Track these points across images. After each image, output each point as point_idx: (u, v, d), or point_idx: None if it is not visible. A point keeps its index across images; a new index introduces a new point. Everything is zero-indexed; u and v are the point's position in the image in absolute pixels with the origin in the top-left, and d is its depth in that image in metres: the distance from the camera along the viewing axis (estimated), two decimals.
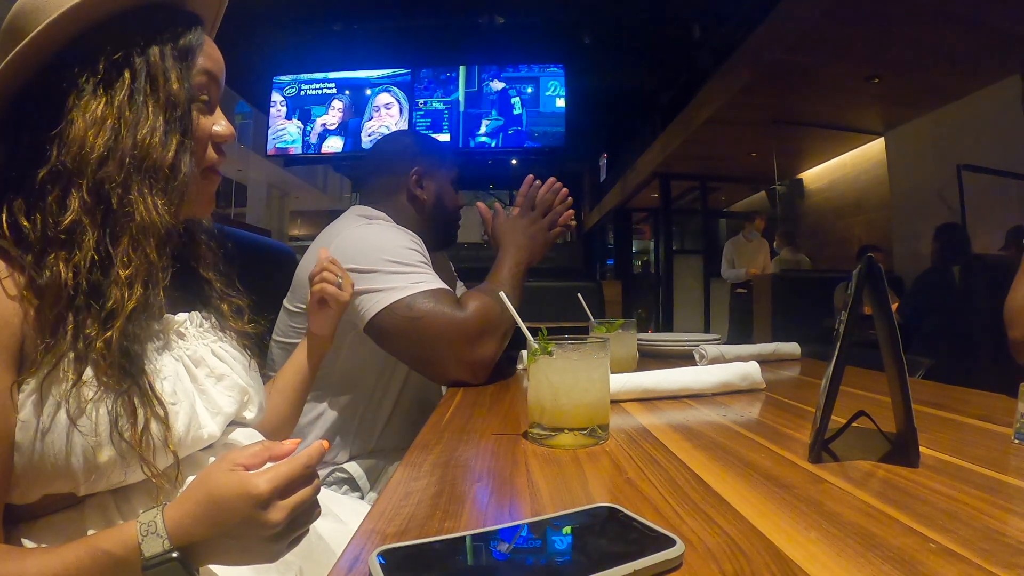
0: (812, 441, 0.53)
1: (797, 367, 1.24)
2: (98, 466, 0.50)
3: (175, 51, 0.58)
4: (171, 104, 0.57)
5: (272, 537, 0.45)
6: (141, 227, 0.54)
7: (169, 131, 0.57)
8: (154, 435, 0.52)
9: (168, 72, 0.57)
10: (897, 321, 0.51)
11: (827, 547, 0.35)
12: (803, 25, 3.74)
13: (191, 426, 0.56)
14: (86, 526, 0.52)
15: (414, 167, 1.21)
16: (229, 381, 0.64)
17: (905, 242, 5.12)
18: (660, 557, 0.32)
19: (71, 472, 0.49)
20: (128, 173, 0.54)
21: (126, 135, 0.54)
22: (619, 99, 7.87)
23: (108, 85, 0.55)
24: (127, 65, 0.55)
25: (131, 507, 0.53)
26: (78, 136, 0.52)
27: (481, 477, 0.51)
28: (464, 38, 6.00)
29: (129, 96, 0.55)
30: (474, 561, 0.35)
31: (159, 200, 0.55)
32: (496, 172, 9.71)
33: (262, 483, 0.45)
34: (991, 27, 3.47)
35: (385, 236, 1.06)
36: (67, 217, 0.51)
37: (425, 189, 1.22)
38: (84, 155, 0.52)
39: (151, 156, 0.55)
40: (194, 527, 0.44)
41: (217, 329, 0.68)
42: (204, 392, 0.60)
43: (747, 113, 5.15)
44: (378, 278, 0.99)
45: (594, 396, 0.63)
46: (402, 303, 0.97)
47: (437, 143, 1.31)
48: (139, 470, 0.52)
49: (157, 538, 0.44)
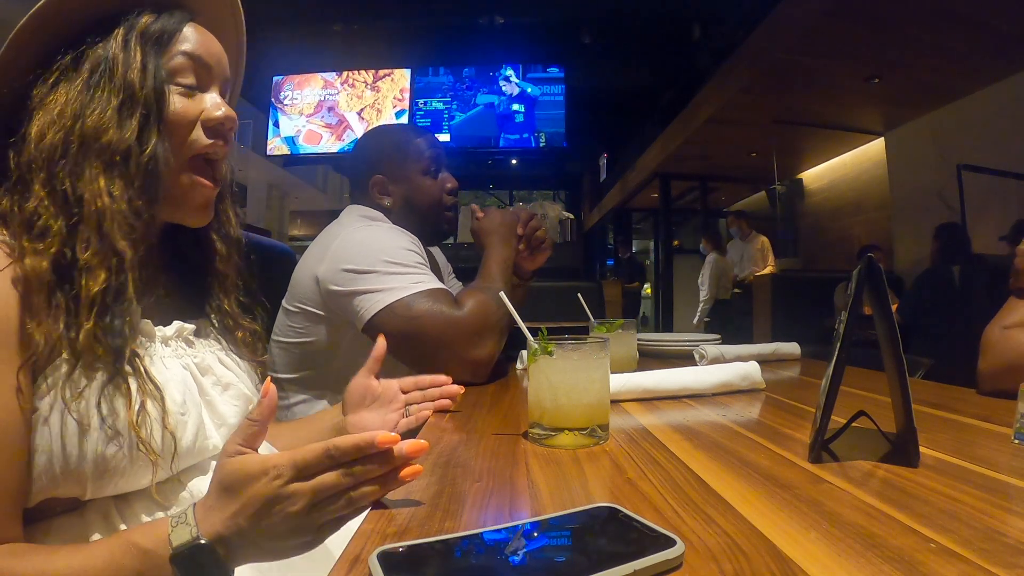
0: (812, 441, 0.53)
1: (797, 367, 1.24)
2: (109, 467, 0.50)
3: (142, 36, 0.58)
4: (128, 86, 0.56)
5: (296, 513, 0.42)
6: (99, 212, 0.53)
7: (128, 114, 0.56)
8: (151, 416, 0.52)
9: (130, 57, 0.57)
10: (897, 321, 0.51)
11: (827, 547, 0.35)
12: (803, 25, 3.74)
13: (198, 436, 0.57)
14: (88, 531, 0.51)
15: (373, 176, 1.19)
16: (235, 391, 0.64)
17: (905, 242, 5.13)
18: (660, 557, 0.32)
19: (80, 475, 0.49)
20: (78, 159, 0.54)
21: (79, 122, 0.54)
22: (619, 99, 7.87)
23: (66, 78, 0.56)
24: (83, 56, 0.56)
25: (132, 512, 0.53)
26: (38, 125, 0.54)
27: (481, 477, 0.51)
28: (463, 38, 6.00)
29: (84, 84, 0.56)
30: (474, 561, 0.35)
31: (116, 184, 0.54)
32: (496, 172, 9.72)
33: (273, 457, 0.44)
34: (991, 27, 3.47)
35: (383, 237, 1.07)
36: (30, 204, 0.52)
37: (392, 195, 1.20)
38: (41, 142, 0.54)
39: (102, 138, 0.55)
40: (222, 520, 0.43)
41: (224, 335, 0.68)
42: (210, 403, 0.61)
43: (747, 113, 5.15)
44: (377, 279, 0.99)
45: (594, 396, 0.63)
46: (401, 303, 0.97)
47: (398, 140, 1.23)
48: (144, 471, 0.52)
49: (186, 527, 0.43)
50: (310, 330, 1.07)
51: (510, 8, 5.69)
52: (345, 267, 1.01)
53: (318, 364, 1.09)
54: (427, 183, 1.21)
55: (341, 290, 1.01)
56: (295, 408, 1.10)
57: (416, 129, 1.27)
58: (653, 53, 6.45)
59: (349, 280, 1.00)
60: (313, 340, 1.07)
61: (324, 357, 1.08)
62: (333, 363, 1.08)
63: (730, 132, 5.74)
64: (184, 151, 0.60)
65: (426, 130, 1.30)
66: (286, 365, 1.10)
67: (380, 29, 5.88)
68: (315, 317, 1.06)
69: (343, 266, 1.01)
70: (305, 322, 1.07)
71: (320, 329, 1.07)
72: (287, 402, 1.10)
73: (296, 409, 1.09)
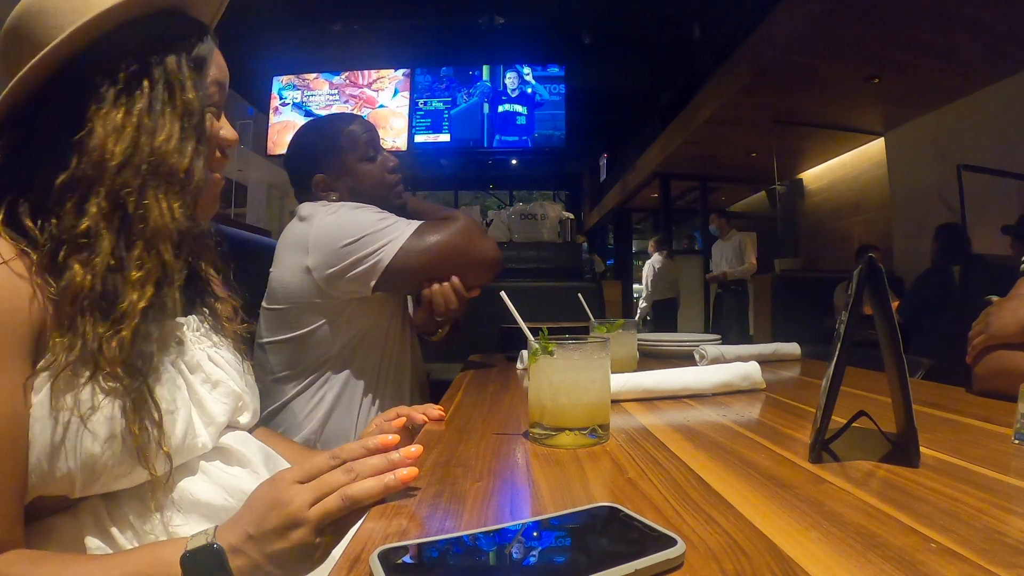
0: (812, 441, 0.53)
1: (797, 367, 1.24)
2: (99, 466, 0.50)
3: (190, 60, 0.60)
4: (187, 112, 0.59)
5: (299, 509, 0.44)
6: (155, 230, 0.55)
7: (185, 138, 0.58)
8: (151, 436, 0.52)
9: (184, 81, 0.59)
10: (897, 321, 0.51)
11: (828, 547, 0.35)
12: (803, 25, 3.74)
13: (187, 435, 0.57)
14: (82, 532, 0.52)
15: (314, 176, 1.19)
16: (224, 388, 0.64)
17: (905, 242, 5.13)
18: (661, 557, 0.32)
19: (70, 473, 0.49)
20: (144, 179, 0.55)
21: (144, 142, 0.56)
22: (619, 99, 7.87)
23: (128, 93, 0.56)
24: (146, 74, 0.57)
25: (121, 512, 0.53)
26: (98, 144, 0.53)
27: (482, 477, 0.51)
28: (464, 39, 6.00)
29: (148, 104, 0.57)
30: (474, 561, 0.35)
31: (175, 204, 0.57)
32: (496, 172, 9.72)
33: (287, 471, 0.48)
34: (991, 27, 3.47)
35: (355, 210, 1.10)
36: (84, 222, 0.52)
37: (337, 189, 1.20)
38: (104, 162, 0.53)
39: (168, 162, 0.57)
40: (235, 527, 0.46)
41: (213, 332, 0.68)
42: (199, 401, 0.61)
43: (747, 113, 5.16)
44: (375, 237, 1.05)
45: (595, 396, 0.63)
46: (410, 242, 1.05)
47: (329, 134, 1.22)
48: (133, 473, 0.52)
49: (204, 535, 0.46)
50: (304, 320, 1.09)
51: (510, 8, 5.69)
52: (337, 245, 1.04)
53: (315, 349, 1.10)
54: (367, 168, 1.21)
55: (342, 265, 1.04)
56: (292, 404, 1.10)
57: (344, 117, 1.27)
58: (653, 53, 6.45)
59: (346, 254, 1.03)
60: (309, 329, 1.09)
61: (322, 341, 1.10)
62: (333, 342, 1.10)
63: (730, 132, 5.74)
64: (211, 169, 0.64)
65: (352, 116, 1.29)
66: (281, 363, 1.11)
67: (380, 29, 5.88)
68: (309, 307, 1.08)
69: (335, 246, 1.04)
70: (298, 315, 1.08)
71: (315, 317, 1.08)
72: (285, 398, 1.10)
73: (293, 405, 1.10)
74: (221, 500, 0.57)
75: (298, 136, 1.28)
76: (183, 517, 0.55)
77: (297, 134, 1.29)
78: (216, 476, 0.59)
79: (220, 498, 0.57)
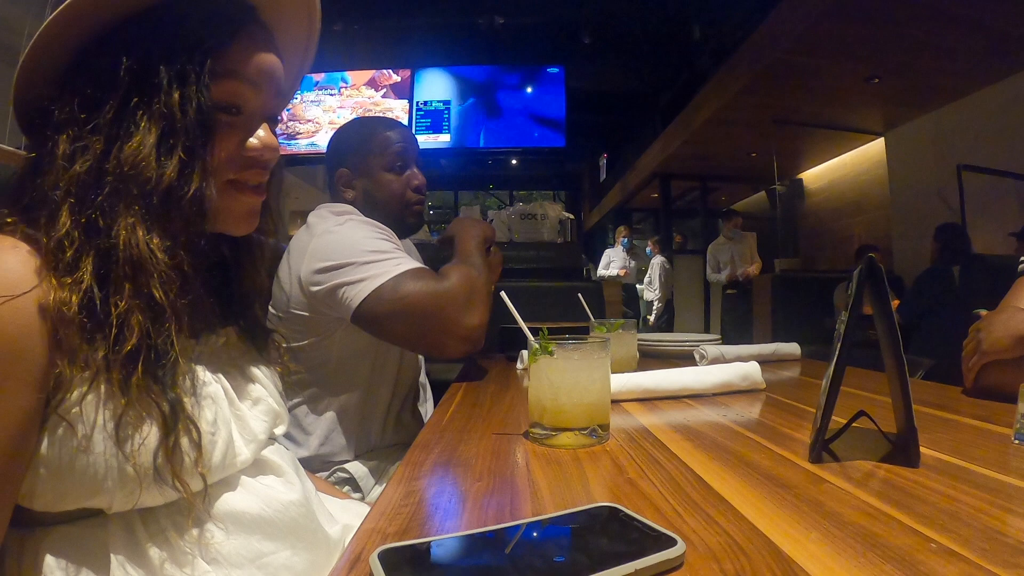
0: (812, 441, 0.53)
1: (797, 367, 1.25)
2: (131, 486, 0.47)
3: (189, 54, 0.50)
4: (169, 116, 0.49)
5: None
6: (130, 261, 0.47)
7: (166, 148, 0.49)
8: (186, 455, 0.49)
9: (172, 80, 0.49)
10: (897, 321, 0.51)
11: (828, 547, 0.35)
12: (803, 25, 3.74)
13: (227, 454, 0.54)
14: (109, 541, 0.49)
15: (338, 170, 1.20)
16: (264, 406, 0.61)
17: (905, 242, 5.13)
18: (661, 557, 0.32)
19: (106, 491, 0.47)
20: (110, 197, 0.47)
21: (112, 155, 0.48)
22: (619, 99, 7.88)
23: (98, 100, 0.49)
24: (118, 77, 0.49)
25: (159, 526, 0.51)
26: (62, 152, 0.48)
27: (482, 477, 0.51)
28: (464, 39, 5.99)
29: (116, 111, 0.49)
30: (474, 561, 0.35)
31: (154, 234, 0.48)
32: (496, 172, 9.72)
33: None
34: (991, 27, 3.47)
35: (356, 230, 1.07)
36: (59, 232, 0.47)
37: (355, 188, 1.20)
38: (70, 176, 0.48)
39: (139, 178, 0.48)
40: None
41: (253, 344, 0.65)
42: (240, 418, 0.58)
43: (747, 113, 5.16)
44: (358, 269, 0.99)
45: (595, 396, 0.63)
46: (387, 286, 0.97)
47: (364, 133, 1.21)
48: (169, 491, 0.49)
49: None
50: (303, 333, 1.07)
51: (510, 8, 5.69)
52: (322, 265, 1.01)
53: (312, 364, 1.09)
54: (388, 178, 1.20)
55: (323, 288, 1.00)
56: (295, 412, 1.10)
57: (388, 123, 1.25)
58: (653, 53, 6.45)
59: (329, 277, 1.00)
60: (306, 343, 1.07)
61: (318, 356, 1.08)
62: (329, 357, 1.08)
63: (730, 132, 5.74)
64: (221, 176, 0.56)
65: (398, 123, 1.27)
66: None
67: (380, 29, 5.88)
68: (303, 319, 1.06)
69: (320, 264, 1.01)
70: (296, 326, 1.07)
71: (311, 331, 1.07)
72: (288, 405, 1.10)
73: (296, 412, 1.09)
74: (258, 509, 0.55)
75: (339, 129, 1.28)
76: (222, 530, 0.52)
77: (340, 127, 1.29)
78: (251, 486, 0.57)
79: (257, 507, 0.55)
